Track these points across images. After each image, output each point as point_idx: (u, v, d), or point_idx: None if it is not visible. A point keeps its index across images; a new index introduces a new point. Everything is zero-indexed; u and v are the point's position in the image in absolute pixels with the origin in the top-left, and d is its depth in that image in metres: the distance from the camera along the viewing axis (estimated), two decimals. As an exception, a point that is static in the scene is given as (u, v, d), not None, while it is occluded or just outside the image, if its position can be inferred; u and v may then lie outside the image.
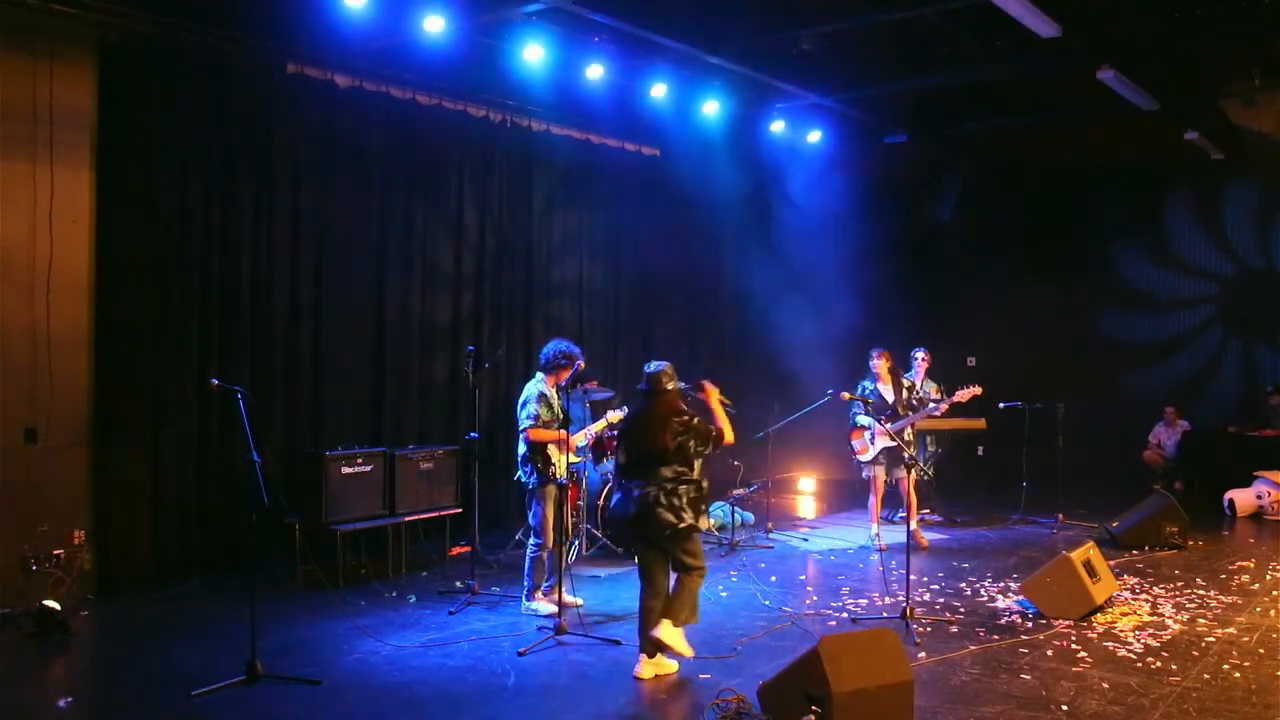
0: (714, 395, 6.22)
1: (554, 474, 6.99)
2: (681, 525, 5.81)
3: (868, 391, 9.39)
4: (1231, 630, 6.79)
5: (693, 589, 5.97)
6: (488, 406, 9.08)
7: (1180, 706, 5.37)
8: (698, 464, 5.97)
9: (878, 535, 9.61)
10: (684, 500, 5.83)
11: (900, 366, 10.00)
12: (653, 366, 6.06)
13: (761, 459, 10.42)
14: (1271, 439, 12.16)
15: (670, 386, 5.99)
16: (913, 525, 8.10)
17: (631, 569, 8.38)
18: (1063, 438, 10.70)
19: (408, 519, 8.43)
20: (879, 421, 8.97)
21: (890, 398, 9.55)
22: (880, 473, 9.62)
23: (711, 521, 10.19)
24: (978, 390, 9.57)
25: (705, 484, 6.04)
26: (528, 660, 6.11)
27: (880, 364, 9.65)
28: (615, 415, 7.84)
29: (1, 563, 7.01)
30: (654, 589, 5.95)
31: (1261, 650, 6.36)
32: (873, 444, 9.55)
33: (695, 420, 5.95)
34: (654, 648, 5.86)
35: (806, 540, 9.93)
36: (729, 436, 6.11)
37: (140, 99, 7.66)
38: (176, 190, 7.88)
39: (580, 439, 7.70)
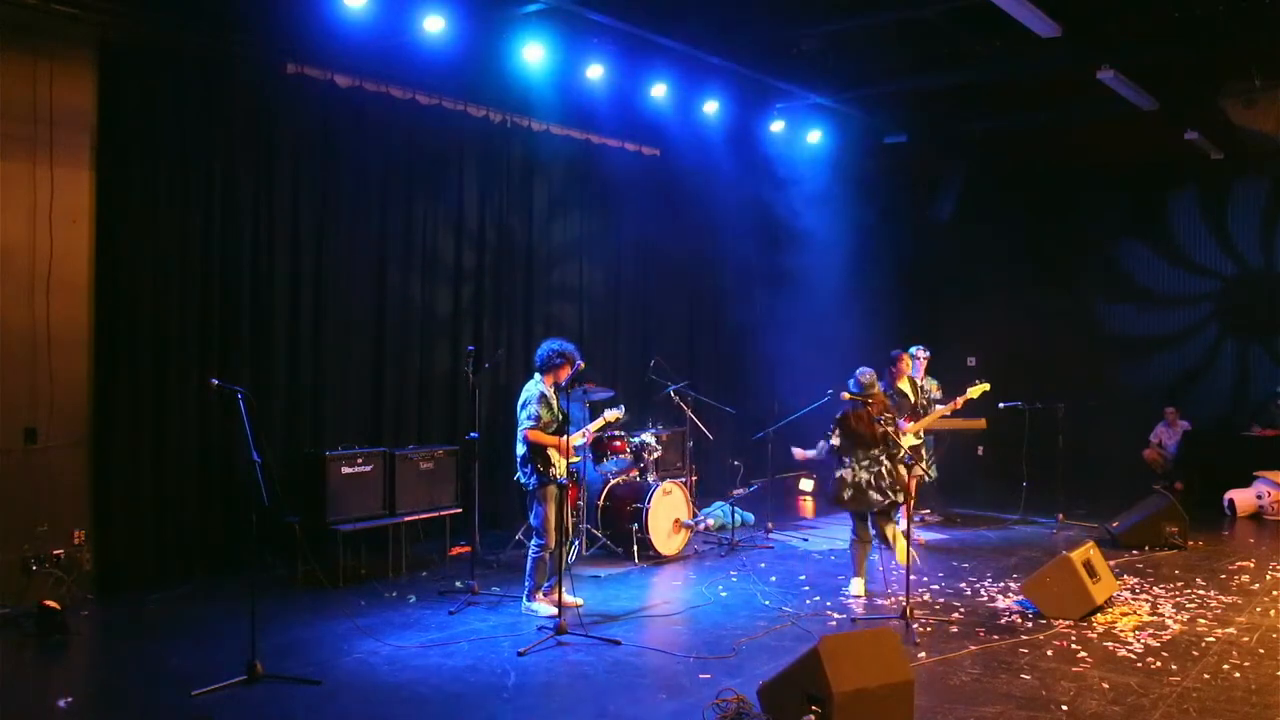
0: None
1: (554, 475, 6.99)
2: (887, 501, 7.54)
3: (890, 391, 9.41)
4: (1231, 630, 6.79)
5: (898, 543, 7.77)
6: (488, 406, 9.07)
7: (1180, 706, 5.37)
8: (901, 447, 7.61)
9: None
10: (890, 480, 7.51)
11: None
12: (863, 372, 7.66)
13: (762, 459, 10.41)
14: (1272, 439, 12.16)
15: (877, 389, 7.68)
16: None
17: (630, 570, 8.49)
18: (1063, 438, 10.70)
19: (408, 519, 8.43)
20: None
21: (914, 398, 9.63)
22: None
23: (711, 522, 10.19)
24: (986, 386, 9.71)
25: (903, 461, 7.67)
26: (528, 660, 6.11)
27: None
28: (613, 414, 7.82)
29: (1, 563, 7.01)
30: (863, 533, 7.78)
31: (1261, 650, 6.36)
32: None
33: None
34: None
35: (806, 540, 9.92)
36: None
37: (140, 99, 7.65)
38: (176, 190, 7.87)
39: (578, 438, 7.70)
